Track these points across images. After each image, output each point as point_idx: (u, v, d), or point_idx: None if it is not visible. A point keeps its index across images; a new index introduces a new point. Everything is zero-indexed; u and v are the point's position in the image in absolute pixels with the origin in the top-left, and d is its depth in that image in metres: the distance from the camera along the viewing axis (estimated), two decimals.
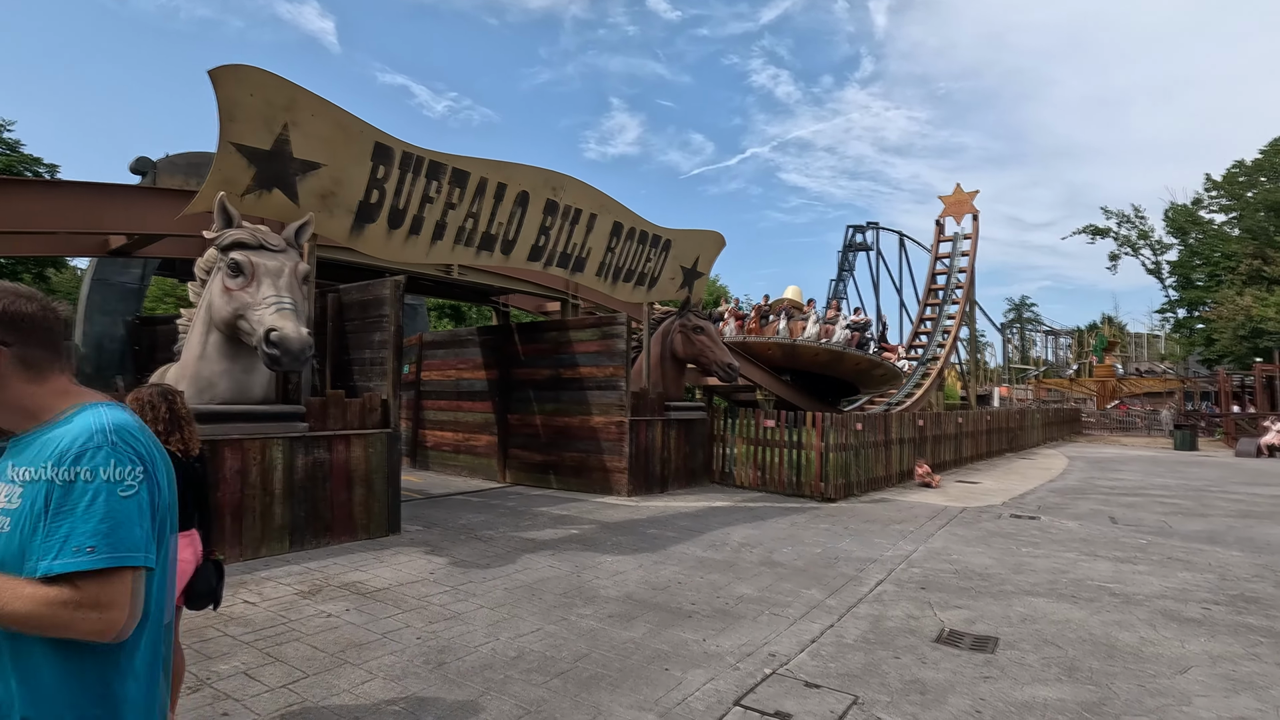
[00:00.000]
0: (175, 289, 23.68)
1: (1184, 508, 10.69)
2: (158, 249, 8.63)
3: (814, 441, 10.99)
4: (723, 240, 12.60)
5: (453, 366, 13.63)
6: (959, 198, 38.13)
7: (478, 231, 8.45)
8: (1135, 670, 4.19)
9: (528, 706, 3.58)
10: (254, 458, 6.53)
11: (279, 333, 5.57)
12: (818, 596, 5.67)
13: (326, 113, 6.71)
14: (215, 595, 3.13)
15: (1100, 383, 44.12)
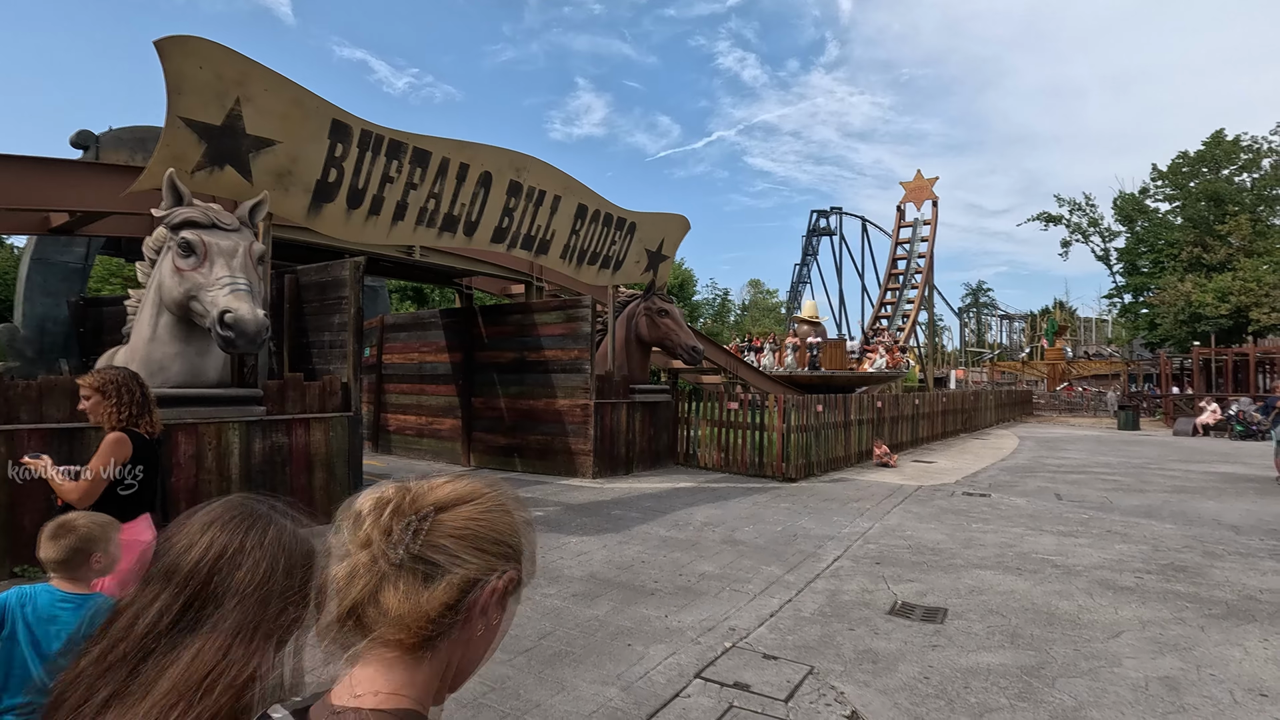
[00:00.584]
0: (122, 269, 22.78)
1: (1124, 484, 11.22)
2: (102, 227, 8.29)
3: (776, 423, 11.19)
4: (687, 223, 12.65)
5: (415, 349, 13.45)
6: (919, 184, 38.81)
7: (440, 212, 8.33)
8: (1072, 636, 4.43)
9: (492, 683, 3.63)
10: (209, 442, 6.39)
11: (234, 314, 5.44)
12: (777, 573, 5.83)
13: (281, 88, 6.51)
14: None
15: (1051, 365, 45.66)
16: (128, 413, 2.99)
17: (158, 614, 0.91)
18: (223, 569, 0.93)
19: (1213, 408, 23.27)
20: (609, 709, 3.39)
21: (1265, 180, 35.04)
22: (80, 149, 11.14)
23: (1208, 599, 5.25)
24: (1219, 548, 6.88)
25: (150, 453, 3.05)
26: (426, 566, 0.78)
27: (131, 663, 0.89)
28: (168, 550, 0.95)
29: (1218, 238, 33.90)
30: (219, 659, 0.89)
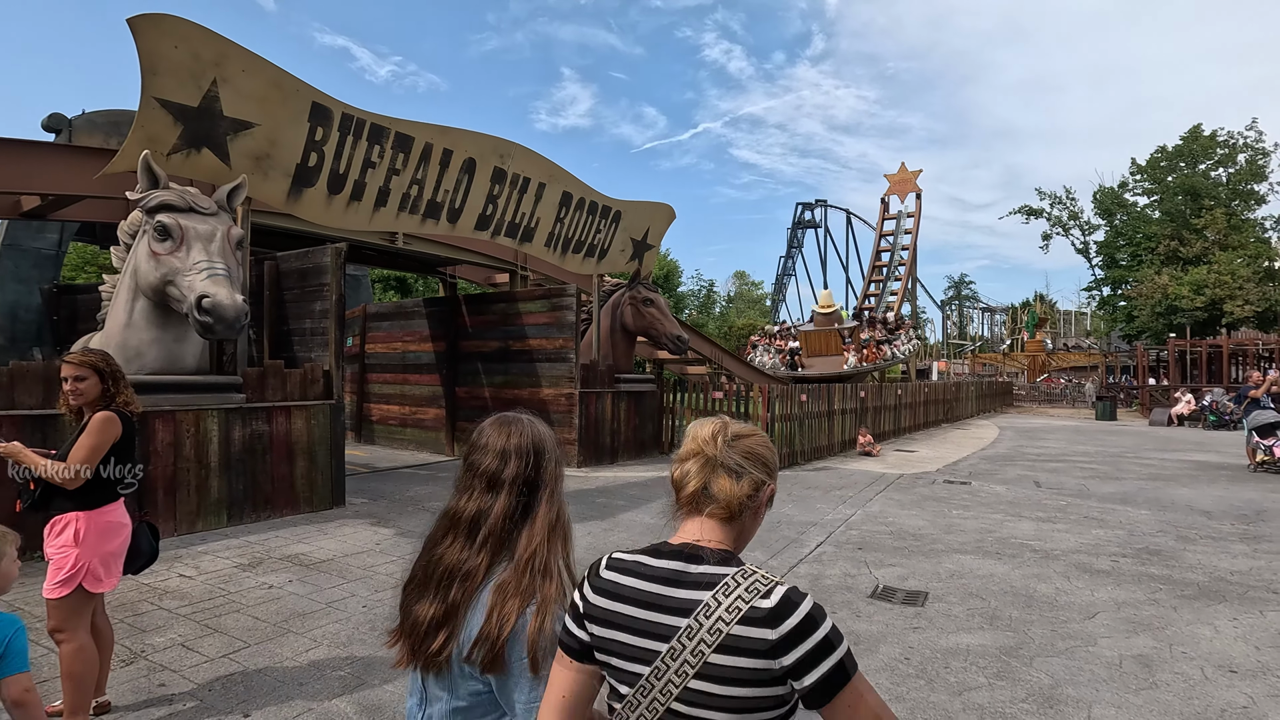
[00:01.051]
0: (97, 256, 22.34)
1: (1101, 472, 11.41)
2: (75, 211, 8.12)
3: (760, 412, 11.24)
4: (673, 213, 12.63)
5: (398, 339, 13.34)
6: (903, 176, 39.02)
7: (423, 199, 8.24)
8: (1050, 617, 4.51)
9: None
10: (187, 429, 6.30)
11: (211, 299, 5.36)
12: (761, 558, 5.87)
13: (259, 69, 6.39)
14: (155, 553, 3.13)
15: (1031, 357, 46.24)
16: (115, 390, 2.95)
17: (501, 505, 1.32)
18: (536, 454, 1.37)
19: (1187, 398, 23.71)
20: None
21: (1240, 175, 35.62)
22: (52, 132, 10.88)
23: (1180, 581, 5.36)
24: (1192, 532, 7.02)
25: (133, 432, 3.01)
26: (737, 469, 1.22)
27: (503, 530, 1.32)
28: (480, 463, 1.36)
29: (1194, 231, 34.45)
30: (552, 510, 1.37)
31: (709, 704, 1.09)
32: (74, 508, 2.82)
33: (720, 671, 1.08)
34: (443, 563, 1.32)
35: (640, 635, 1.15)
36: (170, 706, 3.13)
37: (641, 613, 1.16)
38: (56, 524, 2.82)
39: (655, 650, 1.13)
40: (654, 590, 1.17)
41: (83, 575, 2.79)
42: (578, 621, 1.21)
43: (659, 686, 1.11)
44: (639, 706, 1.13)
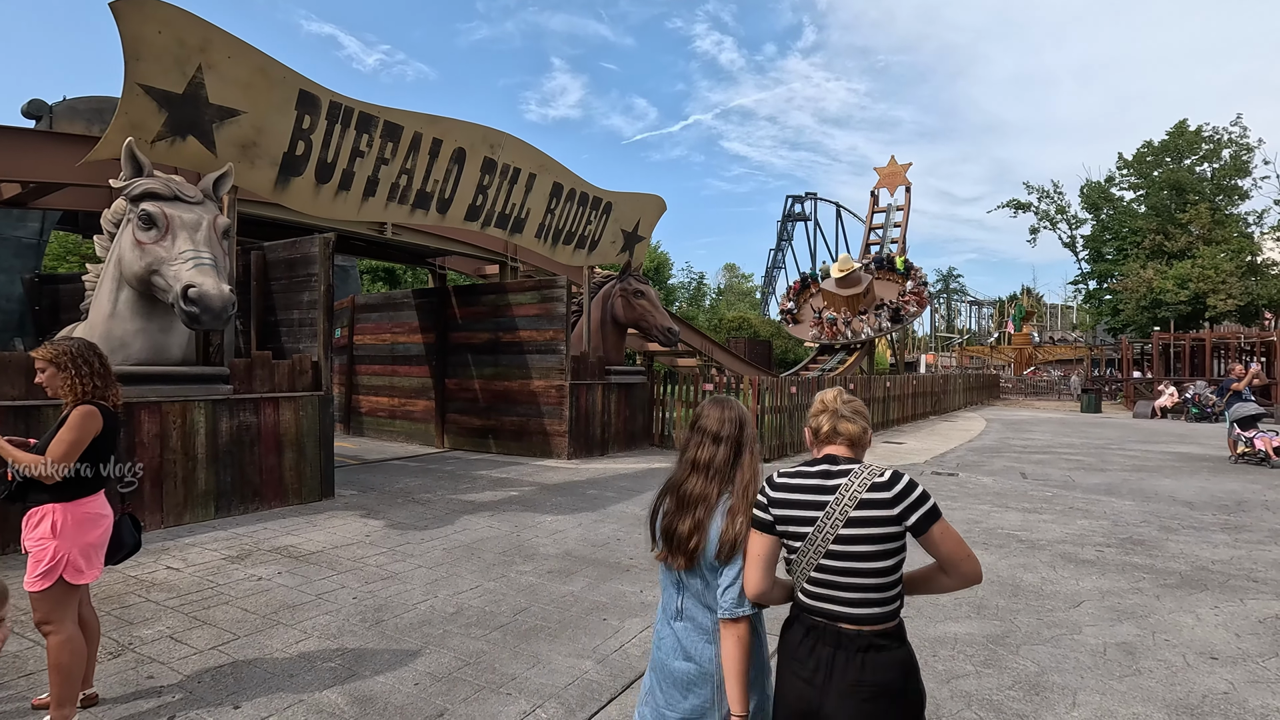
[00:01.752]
0: (79, 246, 22.00)
1: (1086, 464, 11.55)
2: (57, 200, 7.99)
3: (750, 404, 11.27)
4: (663, 204, 12.60)
5: (388, 330, 13.26)
6: (893, 170, 39.12)
7: (412, 189, 8.17)
8: (1036, 606, 4.56)
9: (467, 658, 3.62)
10: (174, 421, 6.24)
11: (198, 289, 5.29)
12: None
13: (245, 56, 6.30)
14: (138, 544, 3.12)
15: (1018, 350, 46.64)
16: (90, 385, 2.87)
17: (724, 449, 1.91)
18: (741, 423, 1.95)
19: (1170, 391, 24.00)
20: (584, 681, 3.41)
21: (1225, 170, 35.97)
22: (32, 119, 10.70)
23: (1163, 570, 5.44)
24: (1174, 522, 7.12)
25: (115, 426, 2.96)
26: (851, 417, 1.89)
27: (725, 470, 1.90)
28: (708, 427, 1.94)
29: (1179, 226, 34.78)
30: (754, 460, 1.93)
31: (852, 542, 1.72)
32: (51, 500, 2.78)
33: (858, 522, 1.72)
34: (691, 493, 1.89)
35: (805, 509, 1.78)
36: (159, 699, 3.11)
37: (805, 496, 1.80)
38: (33, 516, 2.79)
39: (814, 516, 1.76)
40: (811, 483, 1.81)
41: (63, 567, 2.75)
42: (763, 510, 1.85)
43: (819, 538, 1.75)
44: (807, 553, 1.77)
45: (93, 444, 2.83)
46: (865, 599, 1.73)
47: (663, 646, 1.96)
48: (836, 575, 1.74)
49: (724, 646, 1.79)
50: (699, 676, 1.87)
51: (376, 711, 3.05)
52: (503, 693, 3.26)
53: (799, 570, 1.80)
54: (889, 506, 1.71)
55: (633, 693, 3.31)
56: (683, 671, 1.89)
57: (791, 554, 1.83)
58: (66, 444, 2.75)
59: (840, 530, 1.72)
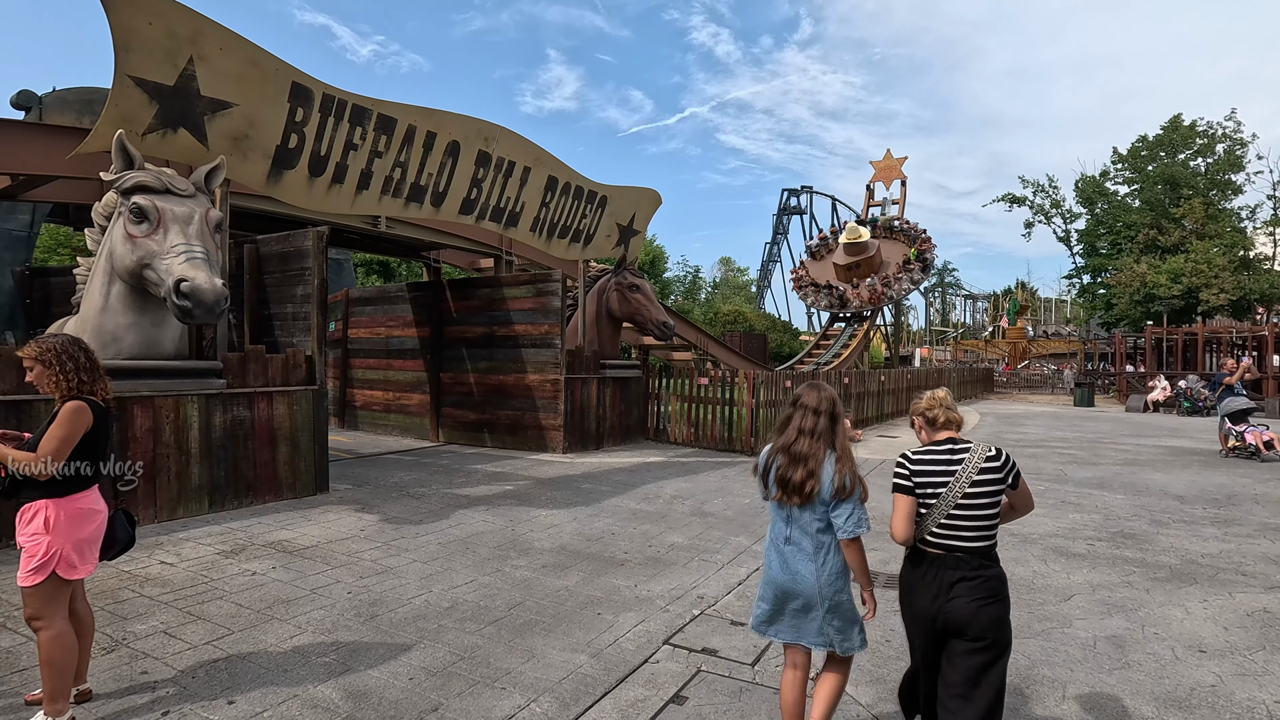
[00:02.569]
0: (70, 239, 21.84)
1: (1079, 457, 11.61)
2: (47, 192, 7.92)
3: (745, 398, 11.30)
4: (659, 198, 12.57)
5: (382, 324, 13.22)
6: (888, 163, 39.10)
7: (406, 182, 8.13)
8: (1027, 599, 4.60)
9: (461, 653, 3.63)
10: (167, 416, 6.22)
11: (190, 283, 5.26)
12: (745, 543, 5.92)
13: (237, 47, 6.24)
14: (132, 540, 3.12)
15: (1012, 344, 46.78)
16: (77, 380, 2.86)
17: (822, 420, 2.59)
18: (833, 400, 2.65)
19: (1163, 385, 24.14)
20: (578, 675, 3.42)
21: (1219, 165, 36.09)
22: (22, 110, 10.59)
23: (1153, 564, 5.49)
24: (1165, 516, 7.18)
25: (106, 421, 2.94)
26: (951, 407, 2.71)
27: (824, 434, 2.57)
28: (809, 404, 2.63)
29: (1172, 221, 34.90)
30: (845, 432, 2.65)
31: (974, 497, 2.46)
32: (43, 495, 2.77)
33: (979, 484, 2.47)
34: (801, 452, 2.59)
35: (938, 476, 2.52)
36: (153, 694, 3.11)
37: (938, 467, 2.53)
38: (26, 512, 2.78)
39: (946, 480, 2.50)
40: (942, 458, 2.55)
41: (55, 562, 2.75)
42: (905, 479, 2.56)
43: (949, 497, 2.48)
44: (939, 507, 2.49)
45: (85, 439, 2.82)
46: (980, 535, 2.48)
47: (772, 565, 2.69)
48: (961, 520, 2.48)
49: (848, 555, 2.57)
50: (800, 585, 2.59)
51: (371, 706, 3.05)
52: (497, 687, 3.27)
53: (929, 521, 2.51)
54: (999, 472, 2.51)
55: (628, 686, 3.33)
56: (789, 582, 2.61)
57: (925, 510, 2.53)
58: (57, 440, 2.74)
59: (967, 489, 2.48)
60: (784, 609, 2.63)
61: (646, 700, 3.20)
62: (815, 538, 2.58)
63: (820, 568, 2.56)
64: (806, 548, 2.59)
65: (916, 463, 2.57)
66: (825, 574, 2.56)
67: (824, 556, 2.57)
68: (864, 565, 2.60)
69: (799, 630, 2.63)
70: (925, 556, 2.53)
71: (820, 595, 2.56)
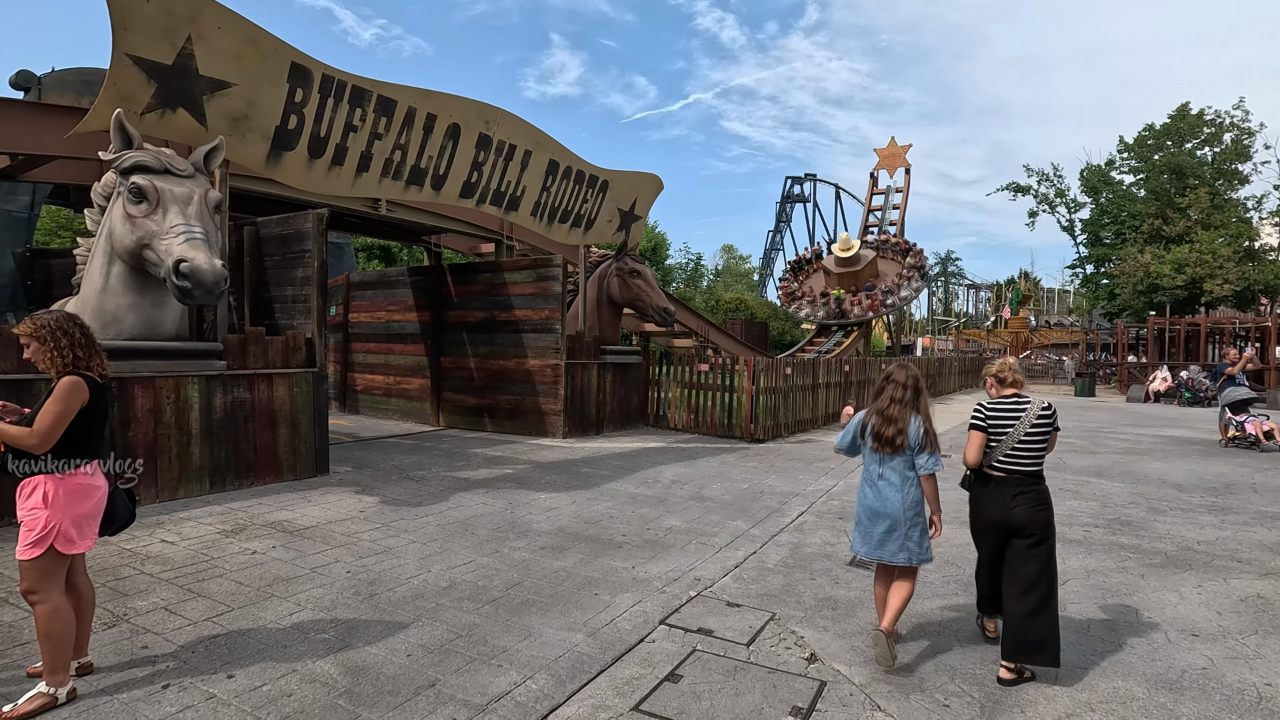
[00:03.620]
0: (71, 221, 21.80)
1: (1078, 446, 11.62)
2: (46, 172, 7.90)
3: (745, 385, 11.30)
4: (660, 183, 12.51)
5: (383, 308, 13.21)
6: (893, 151, 38.86)
7: (406, 164, 8.09)
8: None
9: (459, 631, 3.67)
10: (167, 396, 6.24)
11: (190, 263, 5.26)
12: (743, 527, 5.95)
13: (236, 26, 6.19)
14: (132, 516, 3.14)
15: (1014, 334, 46.67)
16: (72, 355, 2.86)
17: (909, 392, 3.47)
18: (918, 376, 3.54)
19: (1164, 375, 24.11)
20: (575, 653, 3.45)
21: (1225, 154, 35.83)
22: (20, 90, 10.54)
23: (1149, 550, 5.51)
24: (1162, 504, 7.20)
25: (103, 396, 2.95)
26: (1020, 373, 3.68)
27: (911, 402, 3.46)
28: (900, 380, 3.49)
29: (1178, 210, 34.70)
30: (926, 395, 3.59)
31: (1032, 436, 3.39)
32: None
33: (1036, 426, 3.40)
34: (893, 415, 3.43)
35: (1007, 419, 3.42)
36: (153, 667, 3.15)
37: (1006, 413, 3.44)
38: (26, 487, 2.80)
39: (1013, 423, 3.40)
40: (1009, 406, 3.46)
41: (54, 537, 2.77)
42: (981, 420, 3.47)
43: (1015, 436, 3.39)
44: (1006, 442, 3.40)
45: (82, 414, 2.83)
46: (1034, 462, 3.42)
47: (867, 495, 3.53)
48: (1022, 452, 3.41)
49: (925, 487, 3.46)
50: (889, 508, 3.44)
51: (369, 681, 3.09)
52: (494, 664, 3.30)
53: (997, 451, 3.44)
54: (1049, 419, 3.46)
55: (624, 665, 3.36)
56: (881, 507, 3.46)
57: (994, 444, 3.46)
58: (52, 415, 2.75)
59: (1027, 429, 3.40)
60: (873, 532, 3.47)
61: (642, 678, 3.23)
62: (902, 474, 3.44)
63: (904, 497, 3.42)
64: (895, 482, 3.44)
65: (990, 410, 3.49)
66: (907, 501, 3.42)
67: (907, 489, 3.43)
68: (936, 495, 3.50)
69: (884, 549, 3.45)
70: (992, 479, 3.47)
71: (904, 517, 3.41)
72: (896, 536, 3.41)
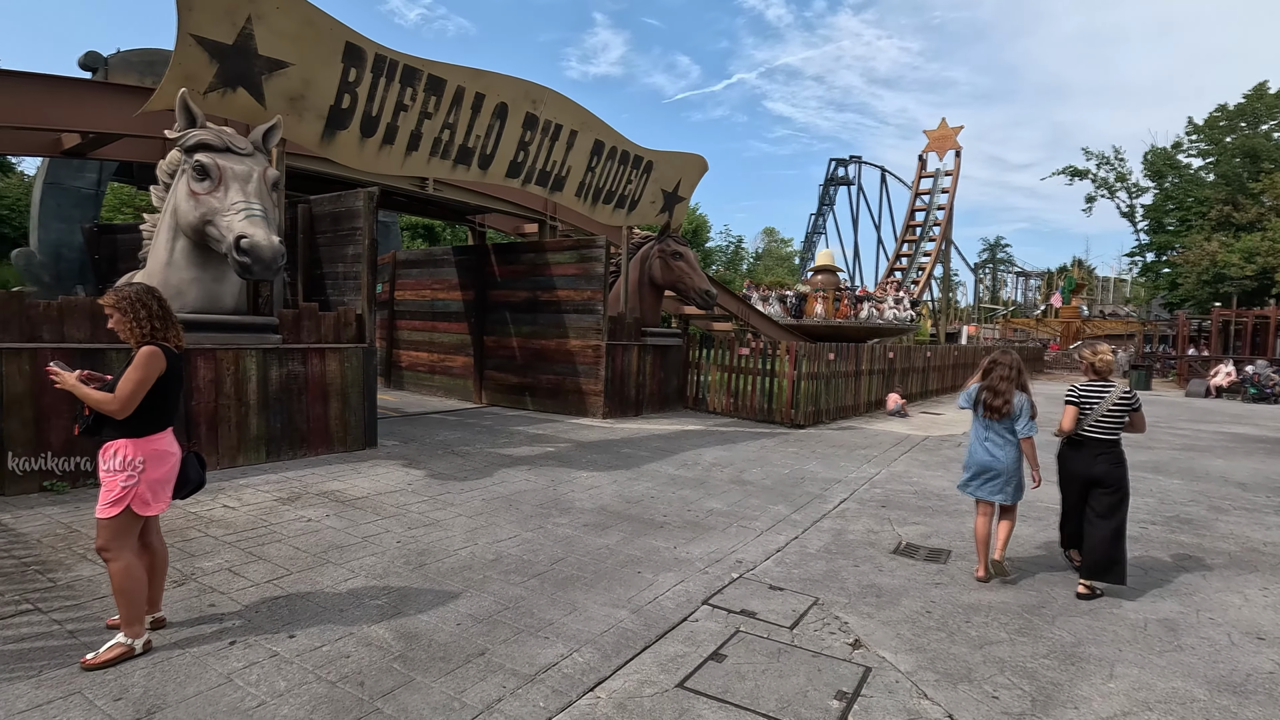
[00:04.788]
0: (134, 198, 22.64)
1: (1133, 440, 11.15)
2: (114, 150, 8.21)
3: (787, 370, 11.19)
4: (705, 164, 12.37)
5: (428, 286, 13.43)
6: (943, 133, 37.69)
7: (454, 143, 8.17)
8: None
9: (506, 602, 3.75)
10: (228, 368, 6.47)
11: (250, 239, 5.42)
12: (784, 511, 5.93)
13: (293, 6, 6.30)
14: (202, 481, 3.28)
15: (1065, 324, 45.12)
16: (149, 326, 3.00)
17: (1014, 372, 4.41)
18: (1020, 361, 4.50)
19: (1227, 369, 23.04)
20: (620, 629, 3.50)
21: None
22: (89, 71, 10.93)
23: (1211, 549, 5.31)
24: (1225, 503, 6.91)
25: (178, 366, 3.08)
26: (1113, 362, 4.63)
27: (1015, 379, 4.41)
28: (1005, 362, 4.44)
29: (1250, 196, 32.87)
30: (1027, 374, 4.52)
31: (1113, 412, 4.28)
32: (122, 435, 2.93)
33: (1117, 404, 4.28)
34: (1001, 390, 4.35)
35: (1094, 398, 4.34)
36: (220, 624, 3.30)
37: (1095, 393, 4.36)
38: (107, 450, 2.95)
39: (1099, 400, 4.32)
40: (1098, 389, 4.37)
41: (130, 498, 2.92)
42: (1075, 396, 4.40)
43: (1100, 411, 4.30)
44: (1092, 414, 4.32)
45: (158, 383, 2.96)
46: (1112, 432, 4.29)
47: (977, 452, 4.48)
48: (1105, 423, 4.29)
49: (1025, 447, 4.38)
50: (997, 464, 4.40)
51: (421, 647, 3.19)
52: (541, 636, 3.37)
53: (1085, 421, 4.32)
54: (1128, 402, 4.27)
55: (667, 642, 3.39)
56: (990, 462, 4.42)
57: (1083, 415, 4.33)
58: (132, 383, 2.88)
59: (1109, 407, 4.27)
60: (979, 477, 4.47)
61: (686, 656, 3.26)
62: (1005, 437, 4.40)
63: (1008, 454, 4.39)
64: (998, 442, 4.41)
65: (1083, 390, 4.40)
66: (1010, 457, 4.39)
67: (1010, 448, 4.39)
68: (1034, 452, 4.39)
69: (987, 490, 4.45)
70: (1081, 442, 4.37)
71: (1008, 469, 4.39)
72: (998, 484, 4.40)
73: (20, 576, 3.76)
